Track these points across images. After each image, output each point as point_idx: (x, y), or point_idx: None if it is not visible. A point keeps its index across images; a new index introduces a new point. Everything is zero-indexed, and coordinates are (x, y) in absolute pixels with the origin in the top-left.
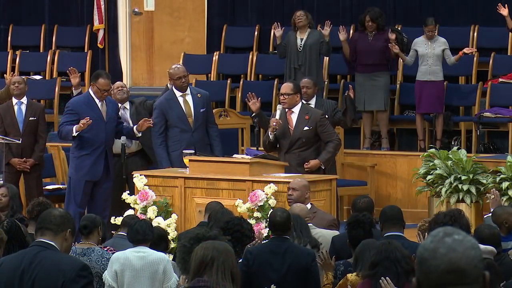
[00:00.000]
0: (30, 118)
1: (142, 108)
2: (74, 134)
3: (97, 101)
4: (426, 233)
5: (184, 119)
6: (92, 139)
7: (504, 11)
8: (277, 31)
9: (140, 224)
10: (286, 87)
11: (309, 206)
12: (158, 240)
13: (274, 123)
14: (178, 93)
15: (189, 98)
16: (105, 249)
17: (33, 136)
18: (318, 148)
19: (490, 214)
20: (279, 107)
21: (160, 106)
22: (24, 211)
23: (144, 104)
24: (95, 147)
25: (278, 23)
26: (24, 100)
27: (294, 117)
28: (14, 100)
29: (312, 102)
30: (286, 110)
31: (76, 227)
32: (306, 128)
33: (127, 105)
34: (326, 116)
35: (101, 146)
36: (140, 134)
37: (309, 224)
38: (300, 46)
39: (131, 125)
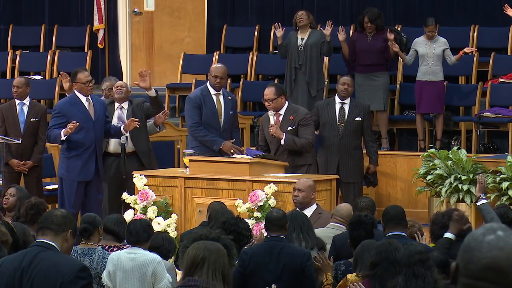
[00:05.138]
0: (32, 119)
1: (139, 109)
2: (63, 138)
3: (83, 100)
4: (418, 232)
5: (216, 117)
6: (82, 139)
7: (511, 12)
8: (278, 31)
9: (135, 225)
10: (269, 92)
11: (314, 206)
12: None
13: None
14: (212, 91)
15: (221, 98)
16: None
17: (34, 137)
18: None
19: None
20: (270, 113)
21: (197, 99)
22: None
23: (142, 105)
24: (86, 148)
25: (279, 23)
26: (27, 101)
27: (280, 119)
28: (17, 101)
29: (347, 101)
30: (274, 112)
31: (77, 228)
32: (289, 128)
33: (125, 104)
34: (310, 116)
35: (92, 146)
36: (127, 134)
37: (341, 226)
38: (301, 46)
39: None
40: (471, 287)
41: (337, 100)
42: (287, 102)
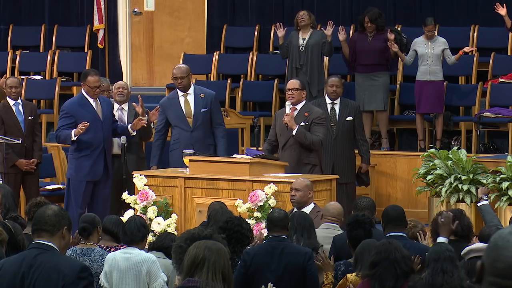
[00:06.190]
0: (29, 118)
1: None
2: (73, 138)
3: (91, 101)
4: (420, 231)
5: (183, 118)
6: (91, 140)
7: (502, 11)
8: (279, 31)
9: (129, 225)
10: (293, 82)
11: (312, 206)
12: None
13: None
14: (180, 93)
15: (190, 98)
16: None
17: (32, 135)
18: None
19: None
20: (288, 103)
21: (162, 104)
22: (22, 210)
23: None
24: (94, 148)
25: (280, 23)
26: (20, 100)
27: (295, 114)
28: (11, 101)
29: (337, 101)
30: (291, 107)
31: (72, 222)
32: (302, 123)
33: (125, 106)
34: (323, 117)
35: (100, 146)
36: (134, 133)
37: (335, 225)
38: (302, 46)
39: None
40: (497, 286)
41: (328, 100)
42: (305, 100)
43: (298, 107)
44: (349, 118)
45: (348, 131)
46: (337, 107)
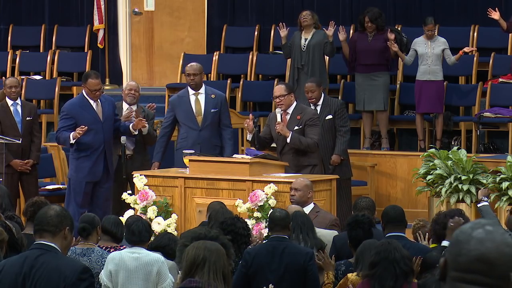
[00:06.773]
0: (27, 118)
1: (145, 113)
2: (72, 141)
3: (91, 102)
4: (420, 232)
5: (192, 117)
6: (91, 141)
7: (495, 15)
8: (282, 31)
9: (137, 225)
10: (280, 89)
11: (312, 206)
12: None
13: (246, 124)
14: (191, 91)
15: (201, 97)
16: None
17: (30, 136)
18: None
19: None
20: (278, 110)
21: (172, 101)
22: (21, 211)
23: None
24: (94, 149)
25: (283, 23)
26: (19, 100)
27: (287, 118)
28: (10, 102)
29: (320, 102)
30: (282, 111)
31: (74, 223)
32: (296, 127)
33: (134, 107)
34: (318, 117)
35: (100, 147)
36: (136, 132)
37: None
38: (304, 46)
39: None
40: (460, 280)
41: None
42: (295, 102)
43: (290, 111)
44: (329, 117)
45: (330, 130)
46: (319, 108)
